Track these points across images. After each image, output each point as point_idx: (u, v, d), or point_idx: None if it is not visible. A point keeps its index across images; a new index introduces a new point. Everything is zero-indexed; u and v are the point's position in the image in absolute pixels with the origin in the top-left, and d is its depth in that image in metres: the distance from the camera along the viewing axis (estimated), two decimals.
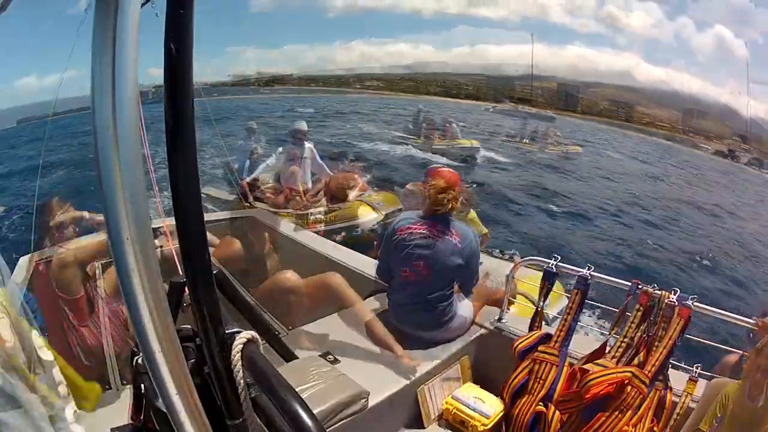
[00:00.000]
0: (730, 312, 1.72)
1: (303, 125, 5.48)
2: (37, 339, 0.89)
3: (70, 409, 0.96)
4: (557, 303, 3.16)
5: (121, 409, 1.25)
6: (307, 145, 5.47)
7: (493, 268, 4.38)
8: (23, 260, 3.11)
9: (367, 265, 3.08)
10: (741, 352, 1.67)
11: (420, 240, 2.16)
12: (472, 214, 4.50)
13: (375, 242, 4.29)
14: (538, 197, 11.48)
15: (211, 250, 2.41)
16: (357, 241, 4.59)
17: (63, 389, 0.95)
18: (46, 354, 0.90)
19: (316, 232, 4.89)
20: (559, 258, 2.05)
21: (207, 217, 3.73)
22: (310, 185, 5.51)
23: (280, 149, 5.52)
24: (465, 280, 2.26)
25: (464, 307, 2.27)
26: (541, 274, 2.07)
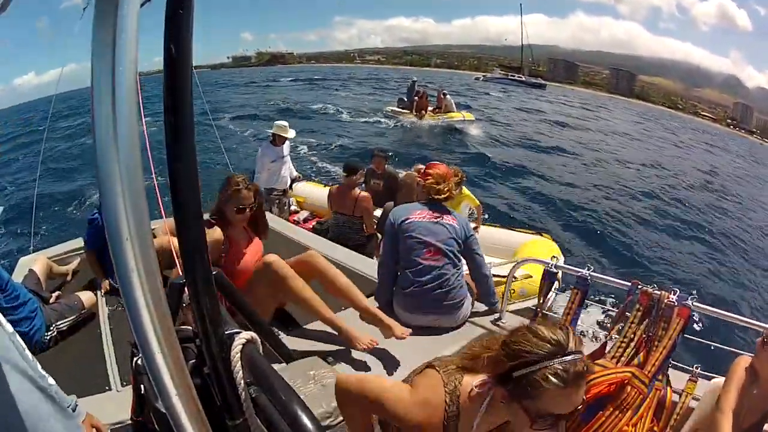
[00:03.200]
0: (730, 312, 1.72)
1: (291, 133, 5.28)
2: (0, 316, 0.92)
3: (38, 365, 0.99)
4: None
5: (121, 409, 1.25)
6: (287, 143, 5.38)
7: (502, 239, 4.91)
8: (23, 260, 3.11)
9: (366, 265, 3.08)
10: (744, 353, 1.66)
11: (422, 227, 2.33)
12: (465, 190, 4.61)
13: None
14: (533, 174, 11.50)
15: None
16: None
17: (29, 353, 0.99)
18: (9, 327, 0.94)
19: (296, 222, 4.91)
20: (559, 258, 2.05)
21: (207, 216, 3.72)
22: (288, 183, 5.44)
23: (261, 150, 5.26)
24: (471, 260, 2.43)
25: (470, 298, 2.40)
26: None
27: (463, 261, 2.41)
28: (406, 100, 14.71)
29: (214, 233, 2.17)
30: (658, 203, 10.51)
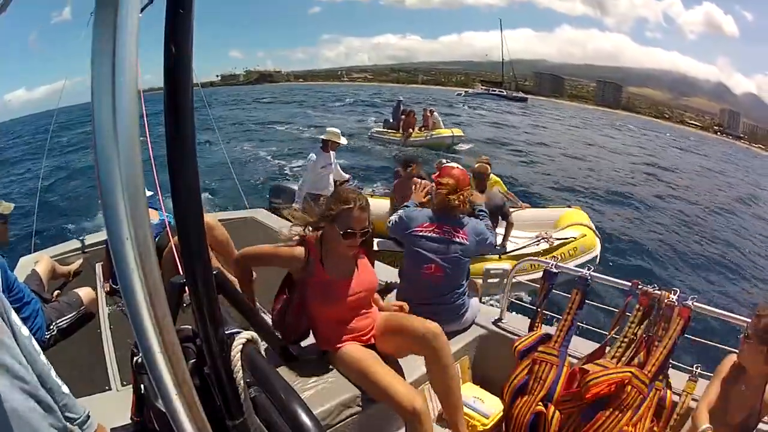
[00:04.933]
0: (731, 312, 1.72)
1: (343, 140, 5.43)
2: (17, 318, 0.91)
3: (53, 373, 0.97)
4: None
5: (121, 409, 1.25)
6: (332, 150, 5.47)
7: (542, 215, 5.70)
8: (24, 260, 3.11)
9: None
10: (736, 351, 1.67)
11: (429, 242, 2.23)
12: (494, 176, 5.11)
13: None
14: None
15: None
16: None
17: (44, 358, 0.97)
18: (25, 330, 0.92)
19: None
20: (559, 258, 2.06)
21: (297, 229, 3.72)
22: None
23: (314, 156, 5.33)
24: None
25: (473, 305, 2.36)
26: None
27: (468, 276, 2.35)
28: (392, 120, 14.27)
29: (294, 250, 1.78)
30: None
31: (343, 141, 5.47)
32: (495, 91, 56.37)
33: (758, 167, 27.45)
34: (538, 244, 4.70)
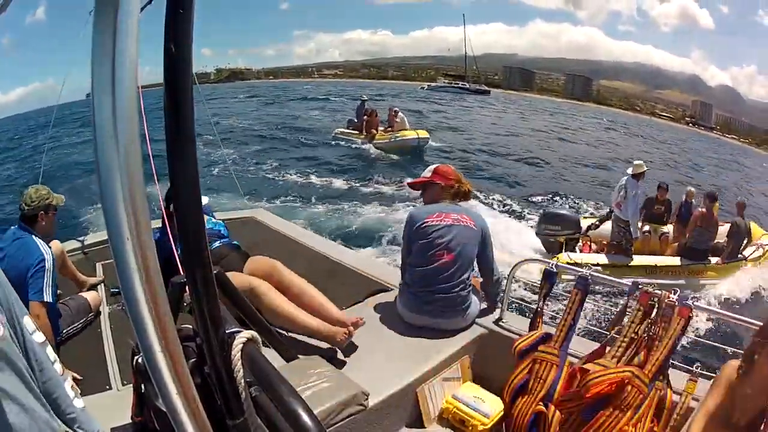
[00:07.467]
0: (730, 312, 1.72)
1: (644, 166, 5.90)
2: (29, 324, 0.90)
3: (68, 384, 0.96)
4: None
5: (121, 408, 1.25)
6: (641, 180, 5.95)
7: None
8: None
9: (368, 265, 3.09)
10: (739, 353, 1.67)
11: (437, 230, 2.30)
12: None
13: None
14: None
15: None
16: None
17: (58, 366, 0.96)
18: (39, 336, 0.91)
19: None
20: (558, 260, 2.06)
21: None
22: None
23: (639, 191, 5.85)
24: (484, 262, 2.42)
25: (476, 302, 2.38)
26: None
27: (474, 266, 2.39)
28: (356, 120, 13.76)
29: None
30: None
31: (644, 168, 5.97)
32: (457, 84, 56.35)
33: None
34: (758, 250, 5.95)
